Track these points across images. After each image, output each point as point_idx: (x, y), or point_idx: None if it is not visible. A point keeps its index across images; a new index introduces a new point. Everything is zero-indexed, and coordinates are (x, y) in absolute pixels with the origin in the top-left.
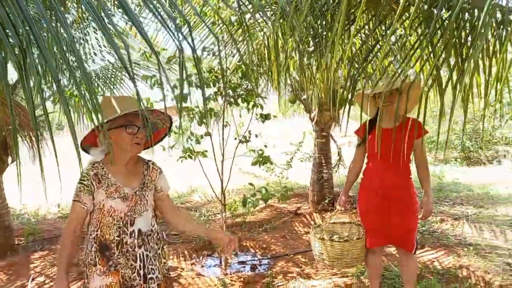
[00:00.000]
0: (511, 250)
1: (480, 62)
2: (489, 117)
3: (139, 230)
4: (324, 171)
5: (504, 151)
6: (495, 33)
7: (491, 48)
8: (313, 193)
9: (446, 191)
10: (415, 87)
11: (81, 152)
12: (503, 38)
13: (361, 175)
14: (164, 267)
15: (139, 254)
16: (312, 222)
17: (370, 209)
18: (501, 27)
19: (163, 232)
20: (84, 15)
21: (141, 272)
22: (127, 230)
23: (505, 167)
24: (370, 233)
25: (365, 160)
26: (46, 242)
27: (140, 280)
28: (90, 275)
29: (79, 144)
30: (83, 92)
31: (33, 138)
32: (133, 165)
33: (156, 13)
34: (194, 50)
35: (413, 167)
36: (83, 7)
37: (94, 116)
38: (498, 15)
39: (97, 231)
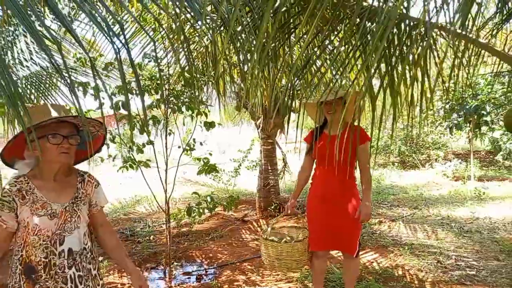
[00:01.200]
0: (442, 249)
1: (407, 71)
2: (421, 123)
3: (70, 249)
4: (270, 177)
5: (436, 155)
6: (419, 44)
7: (416, 58)
8: (260, 200)
9: (384, 193)
10: (352, 96)
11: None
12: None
13: (310, 181)
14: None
15: (70, 275)
16: (258, 229)
17: (315, 214)
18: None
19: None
20: (10, 18)
21: None
22: (56, 250)
23: (436, 170)
24: (313, 237)
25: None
26: None
27: None
28: None
29: (1, 158)
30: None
31: None
32: (65, 177)
33: (91, 16)
34: (129, 52)
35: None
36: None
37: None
38: (422, 29)
39: (21, 251)
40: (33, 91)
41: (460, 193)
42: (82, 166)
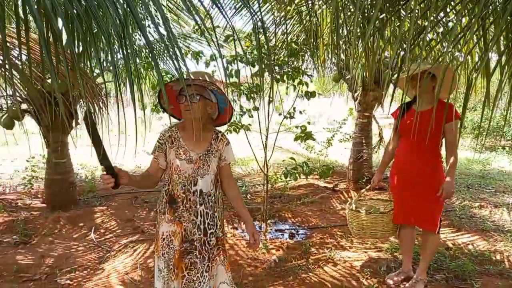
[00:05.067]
0: None
1: None
2: None
3: (201, 190)
4: (364, 150)
5: None
6: None
7: None
8: (352, 172)
9: (488, 178)
10: (446, 70)
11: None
12: None
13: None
14: (223, 227)
15: (200, 211)
16: (348, 199)
17: (398, 188)
18: None
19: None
20: None
21: (202, 226)
22: (191, 189)
23: None
24: (397, 210)
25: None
26: (104, 199)
27: (200, 234)
28: (160, 222)
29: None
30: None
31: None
32: (203, 132)
33: None
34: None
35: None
36: None
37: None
38: None
39: (168, 185)
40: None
41: None
42: None
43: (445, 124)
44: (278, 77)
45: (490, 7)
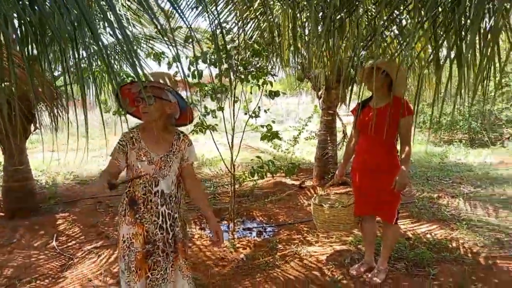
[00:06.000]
0: (502, 227)
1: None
2: (495, 99)
3: (162, 191)
4: (329, 147)
5: (509, 134)
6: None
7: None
8: (318, 169)
9: (446, 170)
10: (395, 66)
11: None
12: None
13: None
14: (184, 228)
15: (161, 212)
16: (315, 195)
17: (357, 181)
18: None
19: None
20: None
21: (164, 226)
22: (152, 190)
23: (508, 149)
24: (358, 203)
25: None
26: (66, 205)
27: (162, 233)
28: (121, 224)
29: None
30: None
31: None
32: (164, 134)
33: None
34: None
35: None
36: None
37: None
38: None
39: (129, 187)
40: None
41: None
42: None
43: (400, 119)
44: (243, 77)
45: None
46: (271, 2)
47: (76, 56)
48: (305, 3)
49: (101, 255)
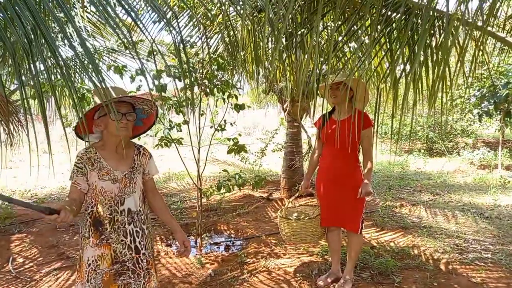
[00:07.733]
0: (460, 232)
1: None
2: (450, 110)
3: (129, 209)
4: (295, 159)
5: (464, 143)
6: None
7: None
8: (285, 180)
9: (407, 179)
10: (356, 81)
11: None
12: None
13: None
14: (152, 246)
15: (129, 230)
16: (282, 207)
17: (322, 193)
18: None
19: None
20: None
21: (132, 245)
22: (118, 209)
23: (463, 158)
24: (323, 214)
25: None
26: (23, 225)
27: (131, 253)
28: (84, 246)
29: (75, 132)
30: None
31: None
32: (124, 149)
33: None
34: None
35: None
36: None
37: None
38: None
39: (92, 208)
40: (77, 70)
41: (484, 181)
42: None
43: (362, 131)
44: (208, 90)
45: (394, 25)
46: (234, 17)
47: (33, 70)
48: (266, 18)
49: (60, 277)
